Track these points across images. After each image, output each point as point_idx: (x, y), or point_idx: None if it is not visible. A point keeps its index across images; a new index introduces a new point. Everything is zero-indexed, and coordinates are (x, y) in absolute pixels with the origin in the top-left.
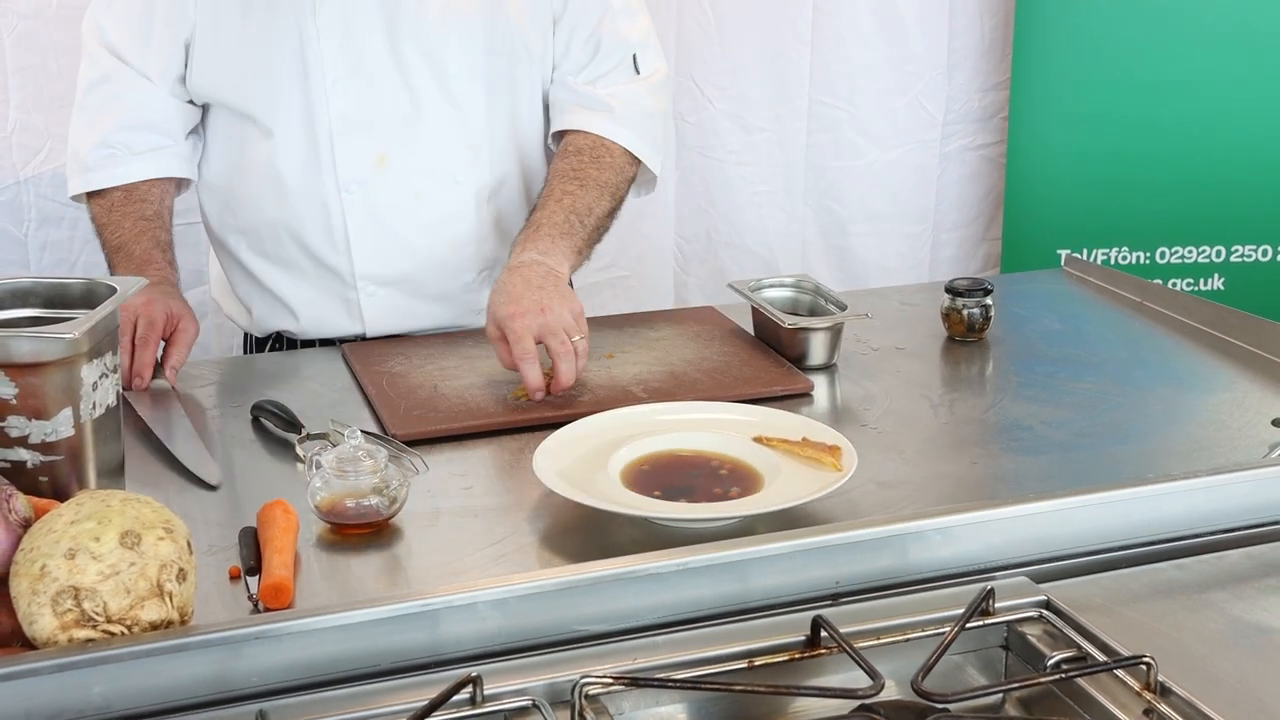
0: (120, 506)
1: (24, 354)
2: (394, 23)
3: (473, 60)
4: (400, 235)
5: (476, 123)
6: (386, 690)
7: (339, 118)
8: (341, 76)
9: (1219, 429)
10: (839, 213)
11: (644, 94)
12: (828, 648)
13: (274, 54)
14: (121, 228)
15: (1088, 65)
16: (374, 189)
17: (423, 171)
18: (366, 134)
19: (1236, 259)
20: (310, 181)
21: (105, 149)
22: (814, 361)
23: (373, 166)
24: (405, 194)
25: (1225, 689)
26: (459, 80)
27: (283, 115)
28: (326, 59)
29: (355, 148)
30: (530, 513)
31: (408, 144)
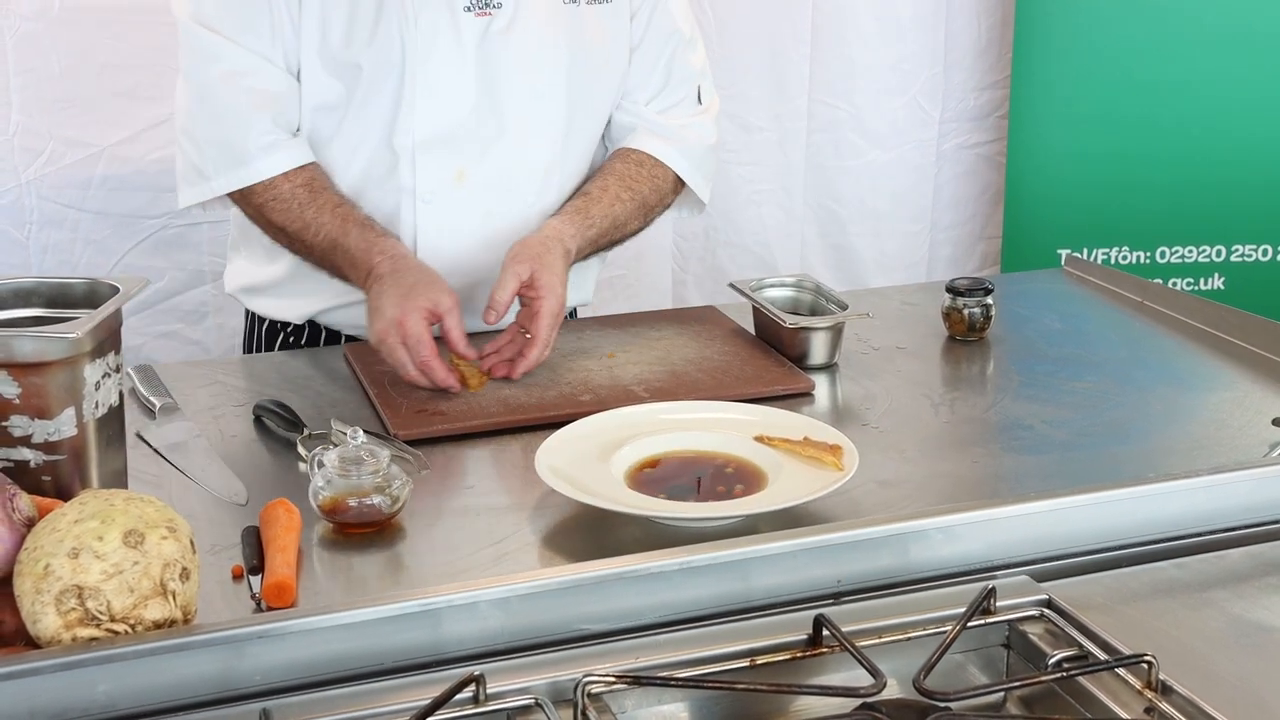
0: (123, 506)
1: (27, 353)
2: (485, 40)
3: (555, 83)
4: (467, 249)
5: (554, 145)
6: (389, 689)
7: (423, 130)
8: (430, 89)
9: (1219, 428)
10: (837, 212)
11: (708, 126)
12: (829, 646)
13: (372, 57)
14: (322, 224)
15: (1087, 65)
16: (450, 203)
17: (498, 190)
18: (448, 148)
19: (1237, 258)
20: (387, 190)
21: (266, 135)
22: (815, 361)
23: (451, 181)
24: (478, 210)
25: (1226, 687)
26: (543, 102)
27: (369, 122)
28: (418, 70)
29: (436, 161)
30: (532, 512)
31: (487, 161)
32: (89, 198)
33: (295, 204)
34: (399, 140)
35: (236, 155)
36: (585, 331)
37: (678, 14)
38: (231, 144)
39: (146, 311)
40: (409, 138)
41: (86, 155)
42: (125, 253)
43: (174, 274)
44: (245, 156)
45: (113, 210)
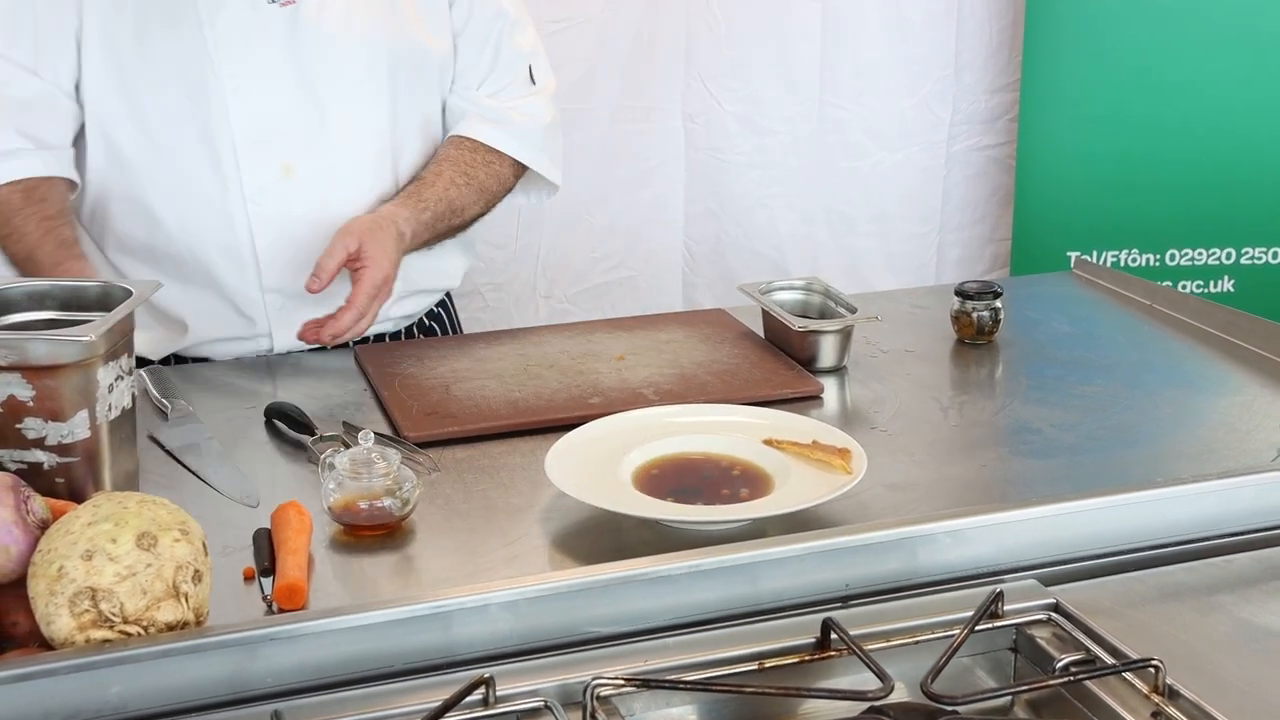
0: (137, 508)
1: (41, 356)
2: (294, 32)
3: (375, 70)
4: (308, 245)
5: (380, 131)
6: (400, 691)
7: (241, 128)
8: (241, 84)
9: (1228, 432)
10: (848, 214)
11: (542, 106)
12: (838, 650)
13: (172, 58)
14: (25, 234)
15: (1097, 67)
16: (280, 199)
17: (329, 180)
18: (270, 144)
19: (1246, 261)
20: (213, 194)
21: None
22: (824, 364)
23: (278, 176)
24: (312, 203)
25: (1233, 692)
26: (362, 89)
27: (181, 125)
28: (225, 67)
29: (260, 158)
30: (542, 515)
31: (313, 153)
32: None
33: (7, 209)
34: (218, 141)
35: None
36: (594, 334)
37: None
38: None
39: None
40: (228, 137)
41: None
42: None
43: None
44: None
45: None
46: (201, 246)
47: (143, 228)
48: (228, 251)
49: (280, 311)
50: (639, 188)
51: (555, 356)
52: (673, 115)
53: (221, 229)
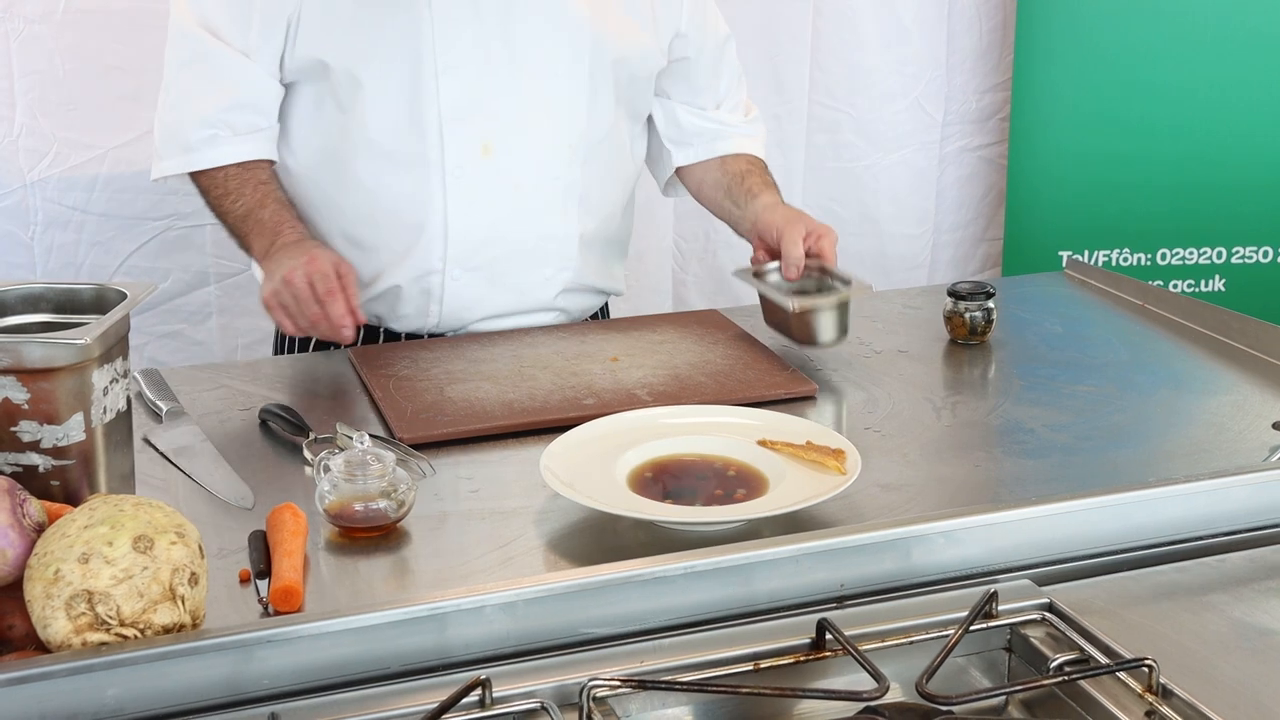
0: (133, 511)
1: (36, 359)
2: (509, 16)
3: (578, 63)
4: (496, 224)
5: (575, 122)
6: (396, 693)
7: (449, 105)
8: (454, 63)
9: (1220, 432)
10: (839, 214)
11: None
12: (833, 650)
13: (387, 36)
14: (242, 195)
15: (1089, 67)
16: (478, 176)
17: (524, 164)
18: (474, 121)
19: (1237, 260)
20: (415, 165)
21: (208, 128)
22: (825, 339)
23: (477, 154)
24: (506, 184)
25: (1226, 691)
26: (564, 79)
27: (391, 99)
28: (440, 44)
29: (463, 134)
30: (537, 516)
31: (512, 135)
32: (93, 199)
33: (222, 175)
34: (425, 115)
35: (180, 143)
36: (588, 335)
37: (718, 14)
38: (178, 132)
39: (150, 312)
40: (435, 112)
41: (91, 157)
42: (129, 254)
43: (178, 275)
44: (187, 145)
45: (117, 212)
46: (397, 213)
47: (345, 195)
48: (421, 221)
49: (456, 283)
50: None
51: (549, 358)
52: None
53: (418, 199)
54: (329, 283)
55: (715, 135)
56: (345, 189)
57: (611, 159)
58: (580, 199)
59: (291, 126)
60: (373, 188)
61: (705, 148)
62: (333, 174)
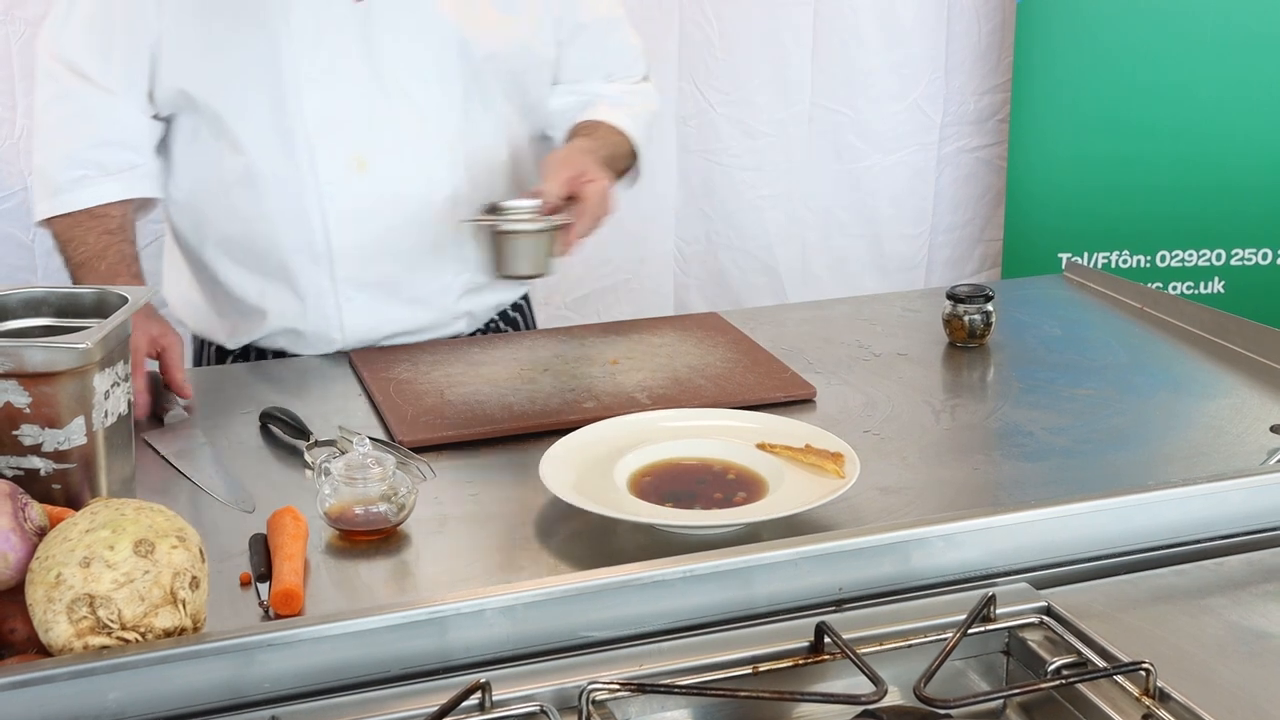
0: (134, 515)
1: (37, 363)
2: (367, 26)
3: (447, 65)
4: (381, 238)
5: (453, 125)
6: (396, 696)
7: (315, 120)
8: (315, 76)
9: (1218, 435)
10: (839, 216)
11: (651, 95)
12: (831, 654)
13: (244, 58)
14: (85, 243)
15: (1088, 69)
16: (354, 192)
17: (401, 173)
18: (343, 136)
19: (1237, 262)
20: (290, 187)
21: (76, 169)
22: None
23: (351, 169)
24: (385, 196)
25: (1224, 695)
26: (433, 83)
27: (256, 121)
28: (300, 61)
29: (333, 150)
30: (537, 519)
31: (385, 146)
32: None
33: (69, 220)
34: (293, 134)
35: (49, 186)
36: (588, 338)
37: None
38: (47, 174)
39: None
40: (302, 130)
41: None
42: None
43: None
44: (55, 188)
45: None
46: (277, 238)
47: (228, 224)
48: (302, 243)
49: (351, 303)
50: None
51: (549, 361)
52: (665, 118)
53: (296, 221)
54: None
55: (580, 102)
56: (227, 218)
57: (503, 157)
58: (469, 199)
59: (173, 160)
60: (252, 214)
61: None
62: (213, 204)
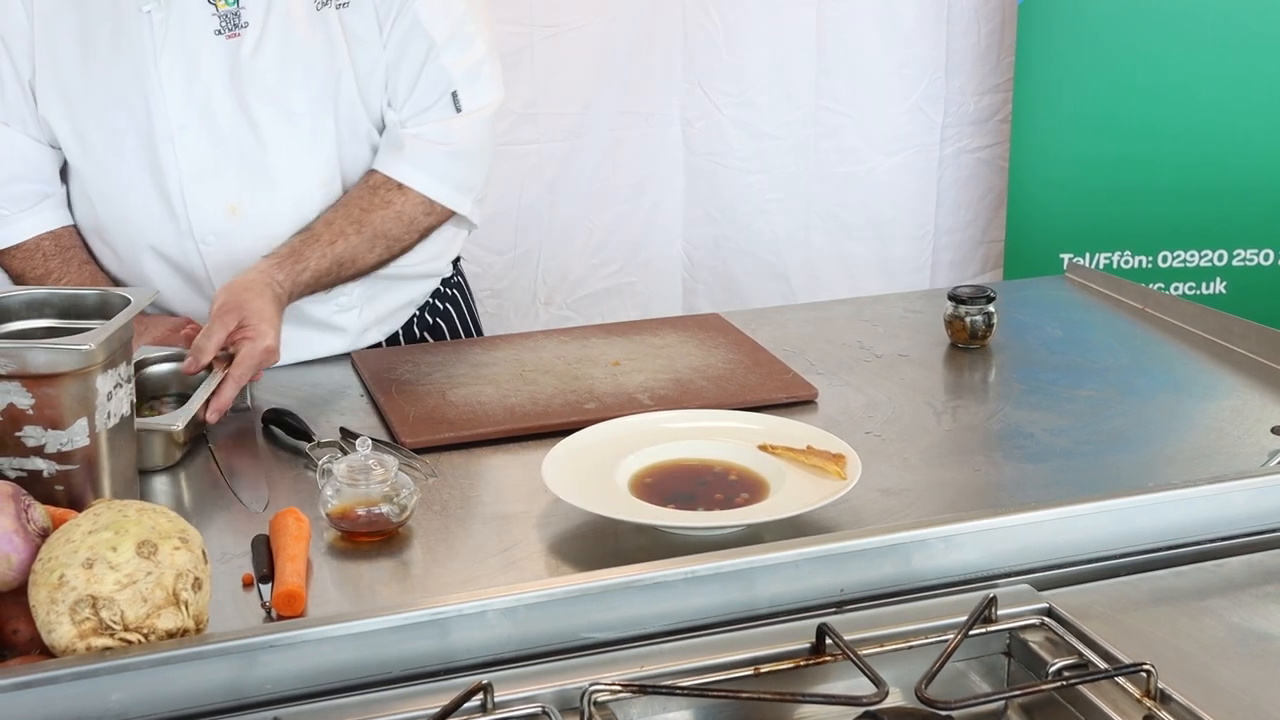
0: (137, 516)
1: (40, 365)
2: (235, 69)
3: (316, 102)
4: None
5: (325, 163)
6: (399, 697)
7: (188, 167)
8: (186, 124)
9: (1219, 437)
10: (844, 218)
11: (457, 132)
12: (833, 655)
13: (118, 105)
14: (67, 274)
15: (1090, 69)
16: (229, 238)
17: (275, 215)
18: (216, 183)
19: (1239, 263)
20: (167, 233)
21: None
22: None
23: (225, 215)
24: (260, 240)
25: (1225, 696)
26: (302, 121)
27: (131, 168)
28: (170, 107)
29: (206, 198)
30: (539, 521)
31: (258, 190)
32: None
33: (39, 255)
34: (168, 180)
35: None
36: (590, 339)
37: (428, 18)
38: None
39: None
40: (176, 177)
41: None
42: None
43: None
44: None
45: None
46: (165, 280)
47: (120, 258)
48: (192, 285)
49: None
50: (638, 193)
51: (551, 362)
52: (671, 121)
53: (183, 264)
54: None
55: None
56: (121, 259)
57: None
58: None
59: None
60: (142, 256)
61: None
62: (107, 243)
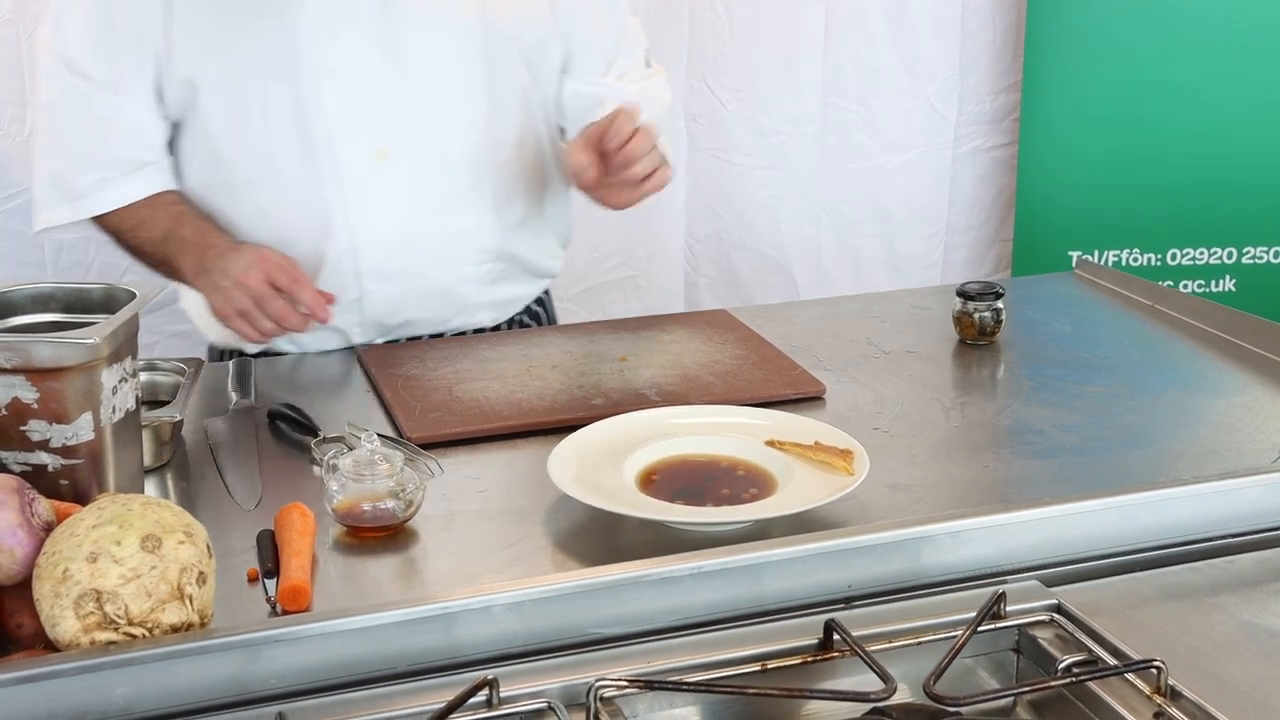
0: (141, 510)
1: (45, 359)
2: (384, 14)
3: (467, 51)
4: (402, 229)
5: (474, 112)
6: (404, 692)
7: (334, 114)
8: (334, 68)
9: (1230, 433)
10: (852, 215)
11: (665, 89)
12: (840, 651)
13: (260, 53)
14: (156, 219)
15: (1099, 67)
16: (375, 184)
17: (421, 164)
18: (363, 128)
19: (1248, 260)
20: (309, 181)
21: (94, 172)
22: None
23: (372, 161)
24: (406, 186)
25: (1236, 693)
26: (453, 70)
27: (275, 117)
28: (317, 54)
29: (354, 143)
30: (545, 516)
31: (406, 136)
32: None
33: (129, 209)
34: (312, 128)
35: (64, 191)
36: (597, 335)
37: None
38: (62, 179)
39: (161, 311)
40: (322, 124)
41: None
42: None
43: None
44: (72, 192)
45: None
46: (298, 233)
47: (244, 223)
48: (324, 237)
49: (373, 296)
50: None
51: (558, 357)
52: (675, 116)
53: (318, 215)
54: (290, 271)
55: (595, 101)
56: (244, 216)
57: (529, 144)
58: (494, 191)
59: (184, 159)
60: (271, 210)
61: (584, 118)
62: (229, 202)
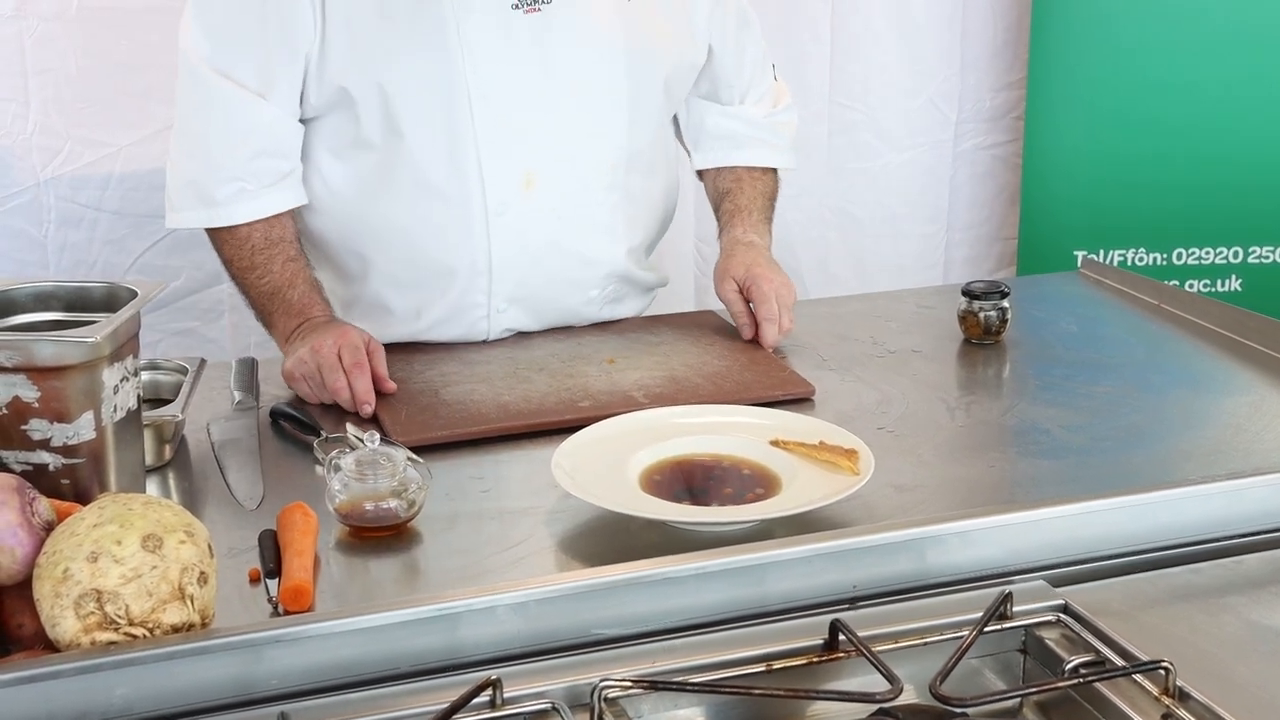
0: (142, 510)
1: (46, 357)
2: (540, 39)
3: (615, 78)
4: (540, 252)
5: (618, 141)
6: (407, 693)
7: (486, 136)
8: (488, 91)
9: (1236, 433)
10: (856, 215)
11: (790, 110)
12: (846, 651)
13: (419, 66)
14: (270, 271)
15: (1104, 65)
16: (521, 210)
17: (566, 191)
18: (513, 153)
19: (1254, 260)
20: (456, 199)
21: (233, 182)
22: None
23: (519, 187)
24: (548, 214)
25: (1243, 693)
26: (602, 98)
27: (429, 130)
28: (473, 75)
29: (503, 167)
30: (548, 516)
31: (554, 164)
32: (106, 197)
33: (249, 246)
34: (463, 150)
35: (202, 196)
36: (584, 337)
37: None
38: (199, 184)
39: (163, 310)
40: (473, 147)
41: (104, 155)
42: (142, 252)
43: (191, 273)
44: (211, 200)
45: (130, 210)
46: (438, 248)
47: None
48: (464, 254)
49: (501, 315)
50: None
51: (544, 360)
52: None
53: (461, 233)
54: (358, 355)
55: (732, 141)
56: (381, 227)
57: (656, 165)
58: (626, 218)
59: (319, 163)
60: (409, 225)
61: (720, 154)
62: (366, 211)
